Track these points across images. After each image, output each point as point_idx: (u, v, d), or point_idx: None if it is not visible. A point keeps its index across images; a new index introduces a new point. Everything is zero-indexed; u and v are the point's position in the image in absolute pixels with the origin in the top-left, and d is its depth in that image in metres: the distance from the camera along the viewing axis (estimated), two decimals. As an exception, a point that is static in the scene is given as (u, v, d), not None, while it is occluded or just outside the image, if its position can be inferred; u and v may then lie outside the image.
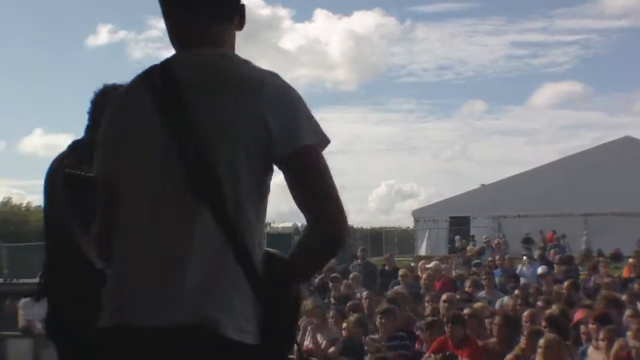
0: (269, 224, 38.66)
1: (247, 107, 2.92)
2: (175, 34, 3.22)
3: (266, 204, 3.06)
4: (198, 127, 2.92)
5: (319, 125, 3.04)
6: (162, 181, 2.96)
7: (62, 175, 4.88)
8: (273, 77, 3.03)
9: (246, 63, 3.10)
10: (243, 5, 3.25)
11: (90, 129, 5.08)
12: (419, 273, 18.89)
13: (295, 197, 2.97)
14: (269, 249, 3.08)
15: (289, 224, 43.95)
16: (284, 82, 3.05)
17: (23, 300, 13.41)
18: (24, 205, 57.53)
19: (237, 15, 3.22)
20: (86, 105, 5.13)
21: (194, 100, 2.97)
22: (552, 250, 26.03)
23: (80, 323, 4.73)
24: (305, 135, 2.94)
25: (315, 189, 2.94)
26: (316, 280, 17.82)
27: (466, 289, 15.21)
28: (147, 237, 2.98)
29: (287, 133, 2.92)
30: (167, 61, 3.14)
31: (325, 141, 3.03)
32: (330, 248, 3.00)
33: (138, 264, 2.99)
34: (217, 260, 2.87)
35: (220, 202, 2.88)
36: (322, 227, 2.93)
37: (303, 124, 2.97)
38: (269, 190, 3.07)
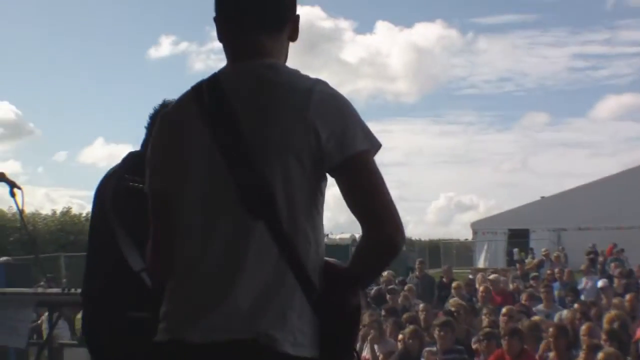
0: (327, 235, 38.74)
1: (296, 117, 2.92)
2: (226, 45, 3.23)
3: (322, 213, 3.06)
4: (247, 140, 2.94)
5: (369, 130, 3.02)
6: (215, 197, 2.98)
7: (112, 185, 4.96)
8: (321, 85, 3.02)
9: (294, 73, 3.11)
10: (297, 16, 3.24)
11: (146, 142, 5.17)
12: (477, 285, 18.85)
13: (348, 204, 2.97)
14: (328, 259, 3.09)
15: (346, 235, 44.09)
16: (332, 89, 3.04)
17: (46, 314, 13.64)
18: (84, 215, 58.04)
19: (289, 26, 3.21)
20: (147, 115, 5.22)
21: (243, 113, 2.98)
22: (612, 264, 25.72)
23: (117, 328, 4.83)
24: (357, 142, 2.94)
25: (368, 195, 2.93)
26: (372, 292, 17.84)
27: (522, 302, 15.15)
28: (200, 253, 3.00)
29: (337, 141, 2.91)
30: (216, 75, 3.16)
31: (376, 145, 3.02)
32: (386, 251, 2.99)
33: (192, 279, 3.01)
34: (273, 275, 2.89)
35: (274, 216, 2.89)
36: (376, 231, 2.93)
37: (354, 131, 2.95)
38: (324, 199, 3.06)
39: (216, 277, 2.93)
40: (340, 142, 2.91)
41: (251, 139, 2.93)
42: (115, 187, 4.94)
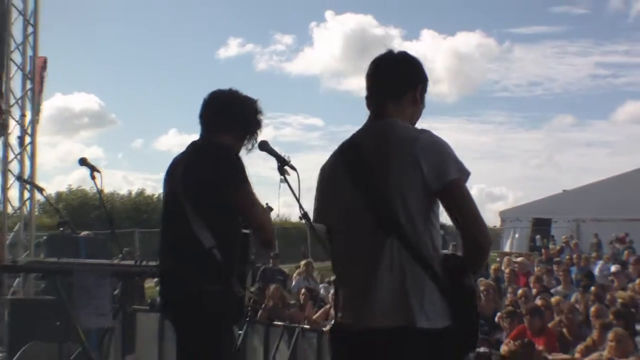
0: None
1: (407, 160, 3.63)
2: (368, 108, 4.05)
3: (436, 224, 3.76)
4: (376, 182, 3.70)
5: (461, 163, 3.68)
6: (358, 222, 3.76)
7: (182, 169, 5.09)
8: (424, 133, 3.75)
9: (406, 127, 3.84)
10: (418, 86, 4.04)
11: (204, 133, 5.22)
12: (503, 267, 19.01)
13: (450, 217, 3.69)
14: (445, 252, 3.82)
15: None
16: (432, 136, 3.74)
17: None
18: (156, 196, 58.44)
19: (410, 94, 4.00)
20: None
21: (372, 161, 3.75)
22: (626, 252, 25.46)
23: (191, 299, 4.87)
24: (450, 173, 3.61)
25: (461, 212, 3.65)
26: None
27: (532, 282, 15.31)
28: (354, 263, 3.81)
29: (435, 173, 3.60)
30: (354, 135, 4.00)
31: (466, 174, 3.68)
32: (478, 250, 3.71)
33: (350, 282, 3.85)
34: (408, 274, 3.61)
35: (402, 232, 3.62)
36: (469, 237, 3.67)
37: (447, 164, 3.63)
38: (436, 215, 3.76)
39: (366, 280, 3.70)
40: (437, 174, 3.60)
41: (379, 180, 3.70)
42: (184, 174, 5.01)
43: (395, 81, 3.99)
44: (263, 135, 5.35)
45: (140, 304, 13.22)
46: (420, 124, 4.05)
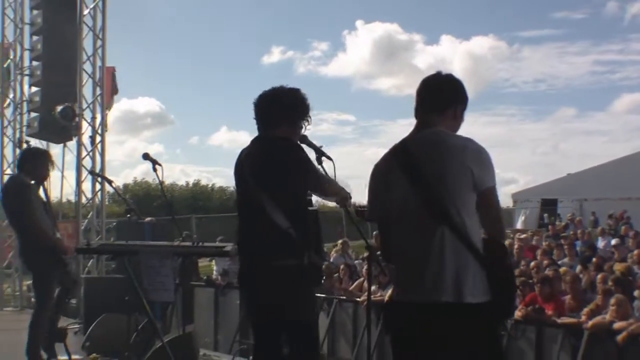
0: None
1: (458, 162, 3.79)
2: (416, 119, 4.15)
3: (477, 215, 3.86)
4: (429, 179, 3.81)
5: (494, 171, 3.91)
6: (413, 215, 3.86)
7: (250, 161, 5.05)
8: (470, 142, 3.89)
9: (451, 135, 3.98)
10: (458, 106, 4.14)
11: (263, 130, 5.18)
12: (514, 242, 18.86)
13: (481, 212, 3.86)
14: (483, 236, 3.90)
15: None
16: (476, 144, 3.90)
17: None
18: (210, 186, 58.86)
19: (450, 110, 4.10)
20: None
21: (423, 163, 3.86)
22: (624, 227, 25.16)
23: (268, 275, 4.87)
24: (489, 180, 3.85)
25: (490, 214, 3.88)
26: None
27: (538, 256, 15.23)
28: (411, 249, 3.90)
29: (481, 178, 3.80)
30: (404, 140, 4.07)
31: (495, 182, 3.89)
32: (500, 238, 3.94)
33: (409, 266, 3.91)
34: (457, 257, 3.74)
35: (452, 221, 3.75)
36: (493, 230, 3.89)
37: (489, 173, 3.87)
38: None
39: (424, 263, 3.79)
40: (481, 179, 3.81)
41: (432, 179, 3.81)
42: (254, 166, 5.01)
43: (440, 97, 4.12)
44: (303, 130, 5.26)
45: (196, 281, 13.25)
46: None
